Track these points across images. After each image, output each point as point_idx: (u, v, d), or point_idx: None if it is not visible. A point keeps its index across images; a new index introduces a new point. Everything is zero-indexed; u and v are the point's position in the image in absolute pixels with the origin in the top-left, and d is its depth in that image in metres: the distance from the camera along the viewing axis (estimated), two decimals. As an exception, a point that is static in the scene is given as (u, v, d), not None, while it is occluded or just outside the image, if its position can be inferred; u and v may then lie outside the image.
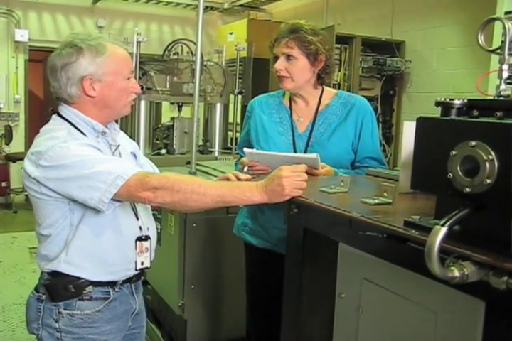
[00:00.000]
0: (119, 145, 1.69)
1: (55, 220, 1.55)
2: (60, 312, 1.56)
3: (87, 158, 1.46)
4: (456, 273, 0.90)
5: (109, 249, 1.58)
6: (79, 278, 1.56)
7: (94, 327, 1.59)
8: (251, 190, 1.40)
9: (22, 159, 7.02)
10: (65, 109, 1.60)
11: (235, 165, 2.30)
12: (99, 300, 1.59)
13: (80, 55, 1.53)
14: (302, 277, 1.50)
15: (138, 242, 1.64)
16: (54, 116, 1.62)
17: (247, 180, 1.66)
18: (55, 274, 1.57)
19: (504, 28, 1.06)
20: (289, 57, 2.00)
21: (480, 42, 1.11)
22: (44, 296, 1.59)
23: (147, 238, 1.67)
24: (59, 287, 1.55)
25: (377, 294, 1.26)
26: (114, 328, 1.63)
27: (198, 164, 3.21)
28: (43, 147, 1.48)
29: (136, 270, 1.65)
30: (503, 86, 1.06)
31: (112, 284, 1.61)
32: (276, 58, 2.03)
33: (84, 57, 1.53)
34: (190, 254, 2.71)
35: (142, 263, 1.66)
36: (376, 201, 1.30)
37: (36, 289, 1.64)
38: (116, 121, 1.75)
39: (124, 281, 1.64)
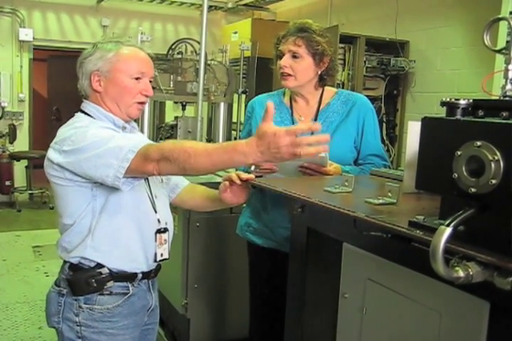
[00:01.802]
0: None
1: (78, 207, 1.58)
2: (80, 307, 1.59)
3: (102, 137, 1.49)
4: (461, 274, 0.90)
5: (131, 235, 1.62)
6: (101, 273, 1.58)
7: (113, 321, 1.62)
8: (241, 154, 1.28)
9: (26, 158, 7.01)
10: (87, 105, 1.67)
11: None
12: (118, 295, 1.62)
13: (93, 52, 1.63)
14: (306, 277, 1.50)
15: (157, 234, 1.67)
16: (77, 114, 1.68)
17: (247, 179, 1.66)
18: (76, 268, 1.60)
19: (510, 27, 1.05)
20: (295, 55, 2.00)
21: (486, 42, 1.11)
22: (65, 290, 1.62)
23: (165, 230, 1.71)
24: (81, 281, 1.58)
25: (381, 294, 1.26)
26: (132, 323, 1.66)
27: (201, 163, 3.20)
28: (67, 134, 1.55)
29: (155, 261, 1.68)
30: (508, 86, 1.06)
31: (131, 279, 1.64)
32: (279, 56, 2.04)
33: (96, 54, 1.62)
34: (193, 254, 2.71)
35: (162, 255, 1.69)
36: (380, 201, 1.30)
37: (56, 283, 1.67)
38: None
39: (143, 277, 1.67)
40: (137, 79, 1.63)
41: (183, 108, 4.73)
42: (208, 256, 2.76)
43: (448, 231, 0.89)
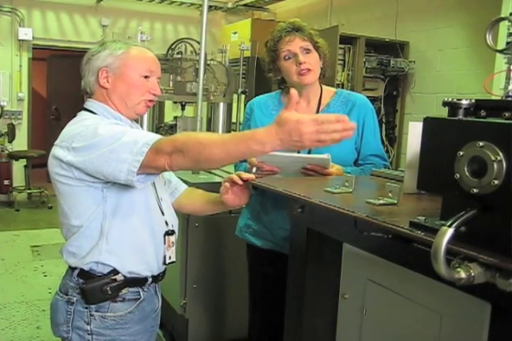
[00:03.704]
0: None
1: (87, 208, 1.53)
2: (91, 315, 1.55)
3: (115, 132, 1.44)
4: (463, 275, 0.89)
5: (144, 238, 1.59)
6: (115, 280, 1.54)
7: (126, 328, 1.59)
8: (259, 144, 1.23)
9: (25, 157, 6.96)
10: (92, 104, 1.63)
11: (235, 167, 2.28)
12: (130, 301, 1.60)
13: (102, 49, 1.62)
14: (305, 277, 1.49)
15: (166, 236, 1.65)
16: (81, 112, 1.64)
17: (248, 179, 1.65)
18: (88, 276, 1.55)
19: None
20: (306, 50, 2.01)
21: (488, 42, 1.10)
22: (75, 299, 1.57)
23: (172, 232, 1.69)
24: (95, 290, 1.53)
25: (381, 295, 1.25)
26: (143, 328, 1.65)
27: (200, 163, 3.20)
28: (75, 131, 1.50)
29: (164, 264, 1.67)
30: (511, 86, 1.05)
31: (142, 284, 1.62)
32: (285, 57, 2.02)
33: (105, 51, 1.61)
34: (192, 253, 2.71)
35: (170, 258, 1.68)
36: (381, 201, 1.29)
37: (62, 291, 1.61)
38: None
39: (152, 281, 1.65)
40: (146, 77, 1.62)
41: (183, 108, 4.72)
42: (206, 256, 2.75)
43: (450, 231, 0.89)
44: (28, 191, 7.08)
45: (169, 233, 1.67)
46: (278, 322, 1.67)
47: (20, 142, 7.13)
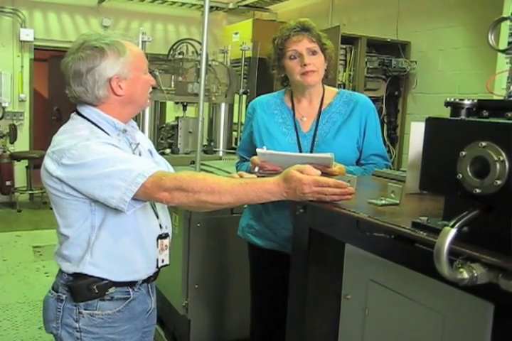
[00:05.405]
0: (138, 144, 1.69)
1: (75, 220, 1.54)
2: (80, 312, 1.56)
3: (108, 156, 1.45)
4: (466, 275, 0.89)
5: (132, 248, 1.58)
6: (102, 279, 1.55)
7: (114, 326, 1.59)
8: (268, 194, 1.36)
9: (26, 158, 6.96)
10: (86, 109, 1.59)
11: (236, 168, 2.28)
12: (119, 300, 1.60)
13: (103, 57, 1.52)
14: (307, 278, 1.49)
15: (159, 240, 1.65)
16: (74, 116, 1.61)
17: None
18: (77, 275, 1.56)
19: (514, 27, 1.05)
20: (312, 52, 2.01)
21: (490, 41, 1.10)
22: (64, 296, 1.58)
23: (166, 235, 1.68)
24: (82, 288, 1.54)
25: (384, 295, 1.25)
26: (132, 327, 1.64)
27: (202, 164, 3.20)
28: (65, 145, 1.47)
29: (157, 267, 1.67)
30: (513, 86, 1.05)
31: (132, 284, 1.62)
32: (290, 57, 2.02)
33: (108, 58, 1.53)
34: (194, 254, 2.71)
35: (163, 261, 1.67)
36: (383, 202, 1.29)
37: (54, 289, 1.62)
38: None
39: (143, 281, 1.65)
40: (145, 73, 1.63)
41: (184, 108, 4.72)
42: (208, 257, 2.75)
43: (452, 232, 0.89)
44: (30, 192, 7.09)
45: (163, 236, 1.66)
46: (280, 323, 1.67)
47: (22, 143, 7.14)
